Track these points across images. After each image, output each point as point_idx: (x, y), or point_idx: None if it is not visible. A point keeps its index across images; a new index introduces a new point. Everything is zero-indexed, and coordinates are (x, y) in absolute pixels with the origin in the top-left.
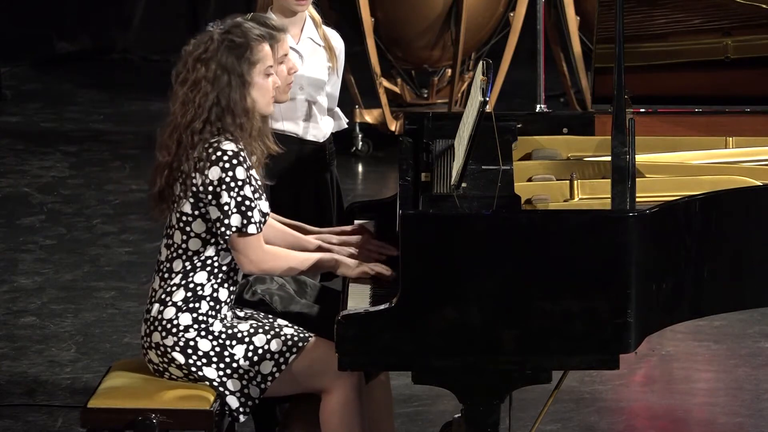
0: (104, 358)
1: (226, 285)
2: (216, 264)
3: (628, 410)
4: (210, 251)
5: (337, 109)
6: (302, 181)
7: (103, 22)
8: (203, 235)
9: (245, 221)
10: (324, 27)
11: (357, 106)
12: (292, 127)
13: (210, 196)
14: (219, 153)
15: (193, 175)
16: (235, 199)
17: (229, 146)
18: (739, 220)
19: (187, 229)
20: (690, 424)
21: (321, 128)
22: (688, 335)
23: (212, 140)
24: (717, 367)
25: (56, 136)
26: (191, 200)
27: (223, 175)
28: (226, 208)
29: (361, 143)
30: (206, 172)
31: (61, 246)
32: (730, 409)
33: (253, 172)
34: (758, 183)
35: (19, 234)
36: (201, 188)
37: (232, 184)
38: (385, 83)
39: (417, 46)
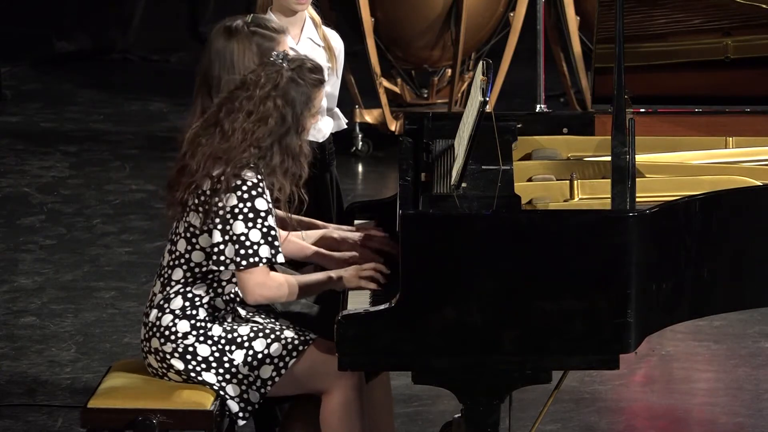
0: (104, 358)
1: (222, 296)
2: (216, 278)
3: (628, 410)
4: (213, 266)
5: (337, 110)
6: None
7: (103, 22)
8: (208, 250)
9: (273, 251)
10: (324, 27)
11: (357, 106)
12: None
13: (218, 220)
14: (239, 182)
15: (210, 194)
16: (260, 230)
17: (250, 175)
18: (739, 220)
19: (194, 240)
20: (690, 424)
21: (321, 128)
22: (688, 335)
23: (235, 168)
24: (717, 367)
25: (56, 136)
26: (201, 215)
27: (241, 204)
28: (243, 239)
29: (361, 143)
30: (222, 196)
31: (61, 246)
32: (730, 409)
33: (270, 201)
34: (758, 183)
35: (19, 234)
36: (214, 209)
37: (251, 215)
38: (385, 83)
39: (417, 46)
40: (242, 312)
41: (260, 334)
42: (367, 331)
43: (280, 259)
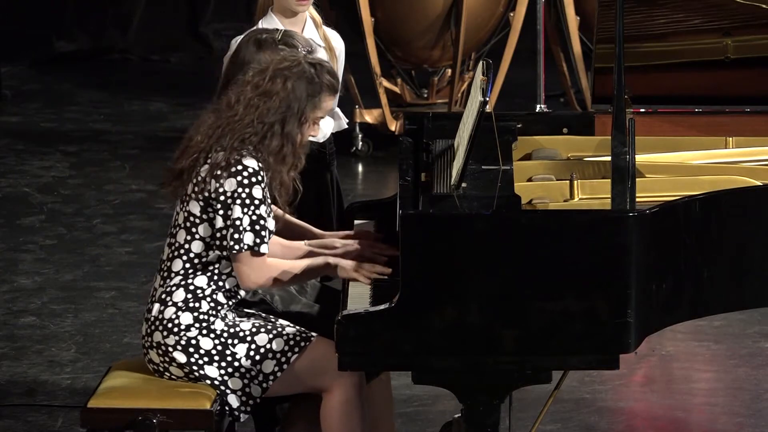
0: (104, 358)
1: (224, 291)
2: (217, 271)
3: (628, 410)
4: (212, 257)
5: (337, 109)
6: (302, 181)
7: (103, 22)
8: (207, 240)
9: (258, 240)
10: (324, 27)
11: (357, 106)
12: None
13: (219, 205)
14: (240, 167)
15: (208, 179)
16: (250, 217)
17: (250, 162)
18: (739, 220)
19: (193, 230)
20: (690, 424)
21: (321, 128)
22: (688, 335)
23: (236, 153)
24: (717, 367)
25: (56, 136)
26: (201, 203)
27: (240, 189)
28: (237, 223)
29: (361, 143)
30: (222, 181)
31: (61, 246)
32: (730, 409)
33: (267, 192)
34: (758, 183)
35: (19, 234)
36: (213, 195)
37: (248, 201)
38: (385, 83)
39: (417, 46)
40: (241, 313)
41: (262, 330)
42: (368, 331)
43: (263, 249)
